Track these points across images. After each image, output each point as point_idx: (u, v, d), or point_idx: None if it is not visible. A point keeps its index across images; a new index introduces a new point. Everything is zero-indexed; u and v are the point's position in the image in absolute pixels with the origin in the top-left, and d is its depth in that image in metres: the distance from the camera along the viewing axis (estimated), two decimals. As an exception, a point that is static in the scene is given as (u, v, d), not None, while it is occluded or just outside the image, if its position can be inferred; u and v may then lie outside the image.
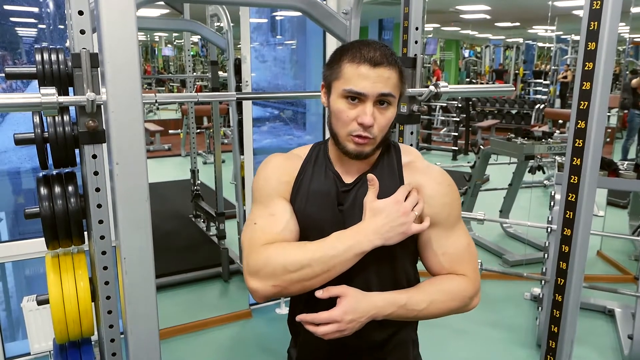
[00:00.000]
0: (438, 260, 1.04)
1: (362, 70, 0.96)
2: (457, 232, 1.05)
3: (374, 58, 0.96)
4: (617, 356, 2.68)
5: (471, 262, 1.06)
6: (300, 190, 1.06)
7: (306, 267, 0.93)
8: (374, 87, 0.95)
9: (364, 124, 0.96)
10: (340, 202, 1.04)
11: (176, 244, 4.04)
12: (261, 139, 3.91)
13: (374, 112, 0.97)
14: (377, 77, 0.95)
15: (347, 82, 0.97)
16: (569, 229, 1.36)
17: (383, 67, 0.96)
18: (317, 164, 1.09)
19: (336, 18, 1.92)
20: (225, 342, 2.83)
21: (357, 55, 0.97)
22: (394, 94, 0.98)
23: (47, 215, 1.33)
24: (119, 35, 0.90)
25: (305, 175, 1.07)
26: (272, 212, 1.03)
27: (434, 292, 1.01)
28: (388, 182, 1.02)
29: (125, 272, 0.91)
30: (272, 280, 0.95)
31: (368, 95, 0.95)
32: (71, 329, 1.41)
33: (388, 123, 1.00)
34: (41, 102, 1.02)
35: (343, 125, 0.99)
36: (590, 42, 1.24)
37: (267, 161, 1.12)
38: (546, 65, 11.25)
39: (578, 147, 1.30)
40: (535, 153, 3.98)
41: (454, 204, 1.04)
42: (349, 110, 0.97)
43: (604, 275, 3.68)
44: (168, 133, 8.31)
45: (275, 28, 4.01)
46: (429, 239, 1.03)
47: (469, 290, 1.03)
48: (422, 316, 1.01)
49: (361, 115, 0.96)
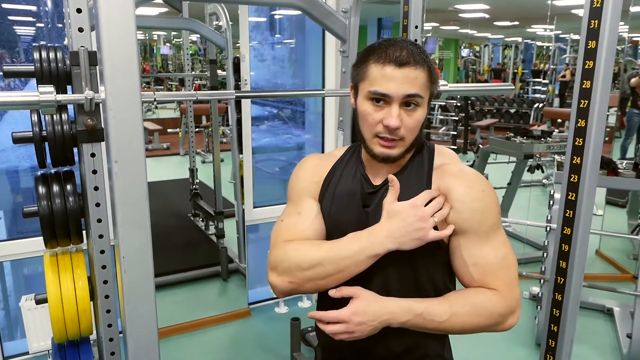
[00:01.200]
0: (468, 271, 0.97)
1: (387, 71, 0.92)
2: (492, 242, 0.96)
3: (400, 58, 0.92)
4: (615, 355, 2.69)
5: (506, 276, 0.97)
6: (328, 190, 1.06)
7: (318, 266, 0.95)
8: (399, 88, 0.92)
9: (390, 127, 0.93)
10: (366, 204, 1.01)
11: (175, 243, 4.03)
12: (260, 138, 3.89)
13: (401, 113, 0.93)
14: (403, 78, 0.92)
15: (372, 83, 0.94)
16: (569, 228, 1.36)
17: (409, 67, 0.92)
18: (348, 165, 1.07)
19: (335, 16, 1.91)
20: (224, 341, 2.82)
21: (382, 55, 0.93)
22: (421, 95, 0.94)
23: (45, 214, 1.32)
24: (117, 33, 0.90)
25: (334, 176, 1.07)
26: (299, 211, 1.06)
27: (457, 304, 0.94)
28: (415, 186, 0.98)
29: (125, 271, 0.91)
30: (287, 276, 0.97)
31: (393, 96, 0.92)
32: (70, 328, 1.40)
33: (417, 125, 0.95)
34: (39, 100, 1.01)
35: (369, 127, 0.96)
36: (591, 40, 1.24)
37: (303, 161, 1.13)
38: (545, 65, 11.25)
39: (578, 146, 1.30)
40: (534, 152, 3.99)
41: (487, 211, 0.96)
42: (374, 112, 0.95)
43: (603, 274, 3.68)
44: (167, 132, 8.30)
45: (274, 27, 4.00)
46: (457, 247, 0.97)
47: (498, 307, 0.95)
48: (443, 329, 0.94)
49: (387, 117, 0.93)
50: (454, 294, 0.98)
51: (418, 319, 0.92)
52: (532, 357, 2.63)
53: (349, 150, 1.11)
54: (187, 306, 3.15)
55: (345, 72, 1.99)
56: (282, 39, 3.88)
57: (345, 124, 2.04)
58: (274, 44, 3.84)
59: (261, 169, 3.46)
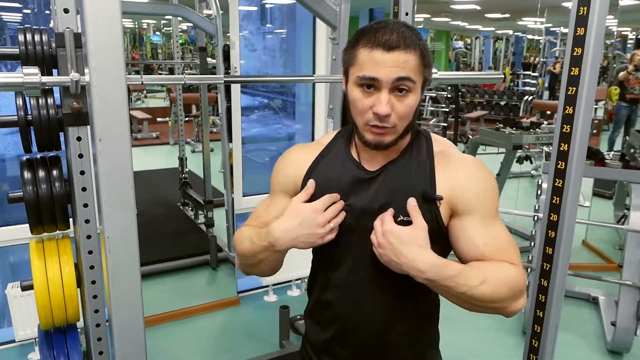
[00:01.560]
0: (480, 252, 0.94)
1: (376, 55, 0.88)
2: (497, 223, 0.97)
3: (389, 41, 0.88)
4: (600, 342, 2.73)
5: (517, 255, 0.96)
6: (312, 177, 1.02)
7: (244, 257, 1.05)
8: (388, 72, 0.88)
9: (379, 114, 0.89)
10: (360, 190, 0.99)
11: (164, 232, 4.02)
12: (250, 128, 3.88)
13: (391, 99, 0.89)
14: (392, 62, 0.88)
15: (361, 68, 0.90)
16: (555, 215, 1.37)
17: (399, 51, 0.88)
18: (336, 154, 1.04)
19: (326, 3, 1.90)
20: (213, 329, 2.83)
21: (371, 39, 0.89)
22: (413, 78, 0.89)
23: (31, 199, 1.31)
24: (102, 15, 0.88)
25: (317, 168, 1.03)
26: (268, 204, 1.10)
27: (488, 272, 0.91)
28: (415, 173, 0.97)
29: (109, 250, 0.90)
30: (238, 259, 1.09)
31: (382, 81, 0.88)
32: (56, 315, 1.40)
33: (409, 111, 0.92)
34: (23, 82, 0.99)
35: (359, 114, 0.93)
36: (579, 27, 1.24)
37: (286, 153, 1.11)
38: (535, 58, 11.30)
39: (565, 133, 1.31)
40: (523, 143, 4.02)
41: (491, 192, 0.97)
42: (364, 98, 0.91)
43: (589, 264, 3.73)
44: (156, 121, 8.23)
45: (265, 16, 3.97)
46: (463, 229, 0.95)
47: (521, 282, 0.93)
48: (468, 296, 0.89)
49: (376, 104, 0.90)
50: (482, 263, 0.94)
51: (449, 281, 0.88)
52: (518, 345, 2.67)
53: (337, 136, 1.08)
54: (177, 294, 3.15)
55: (335, 60, 1.99)
56: (272, 28, 3.85)
57: (335, 112, 2.04)
58: (265, 34, 3.81)
59: (251, 158, 3.45)
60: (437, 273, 0.88)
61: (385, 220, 0.92)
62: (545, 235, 1.42)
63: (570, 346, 2.69)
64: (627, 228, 2.71)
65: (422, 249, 0.89)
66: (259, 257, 1.01)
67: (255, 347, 2.60)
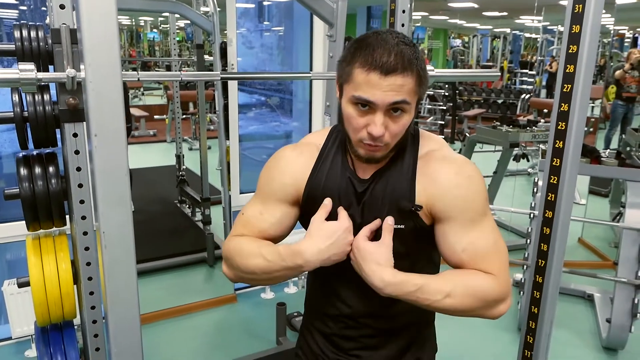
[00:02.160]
0: (459, 257, 0.95)
1: (372, 78, 0.86)
2: (480, 227, 0.95)
3: (387, 65, 0.86)
4: (595, 339, 2.75)
5: (498, 262, 0.95)
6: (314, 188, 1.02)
7: (252, 274, 1.00)
8: (384, 96, 0.87)
9: (373, 135, 0.89)
10: (355, 199, 1.00)
11: (161, 229, 4.02)
12: (248, 125, 3.88)
13: (386, 120, 0.89)
14: (389, 86, 0.86)
15: (357, 88, 0.89)
16: (550, 211, 1.38)
17: (396, 75, 0.86)
18: (333, 160, 1.03)
19: (323, 0, 1.90)
20: (210, 326, 2.83)
21: (368, 59, 0.87)
22: (408, 101, 0.89)
23: (27, 196, 1.31)
24: (98, 11, 0.88)
25: (319, 173, 1.02)
26: (262, 211, 1.05)
27: (454, 284, 0.92)
28: (403, 182, 0.97)
29: (105, 247, 0.90)
30: (234, 271, 1.03)
31: (378, 104, 0.88)
32: (53, 312, 1.40)
33: (402, 130, 0.92)
34: (19, 78, 0.99)
35: (353, 131, 0.93)
36: (575, 25, 1.25)
37: (277, 156, 1.07)
38: (532, 57, 11.32)
39: (561, 130, 1.31)
40: (520, 141, 4.03)
41: (472, 197, 0.95)
42: (358, 117, 0.91)
43: (585, 261, 3.75)
44: (153, 119, 8.21)
45: (262, 14, 3.97)
46: (444, 234, 0.96)
47: (495, 292, 0.93)
48: (434, 307, 0.92)
49: (371, 124, 0.89)
50: (451, 273, 0.95)
51: (410, 296, 0.90)
52: (514, 341, 2.68)
53: (330, 138, 1.06)
54: (174, 292, 3.15)
55: (332, 57, 1.99)
56: (270, 26, 3.85)
57: (332, 109, 2.04)
58: (262, 31, 3.81)
59: (248, 156, 3.45)
60: (395, 290, 0.90)
61: (359, 235, 0.95)
62: (541, 232, 1.43)
63: (566, 343, 2.70)
64: (622, 226, 2.72)
65: (380, 266, 0.92)
66: (275, 275, 0.98)
67: (252, 344, 2.61)
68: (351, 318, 1.06)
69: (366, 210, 0.99)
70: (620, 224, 2.81)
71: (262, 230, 1.04)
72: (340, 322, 1.08)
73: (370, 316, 1.05)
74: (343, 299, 1.06)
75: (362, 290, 0.97)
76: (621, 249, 2.68)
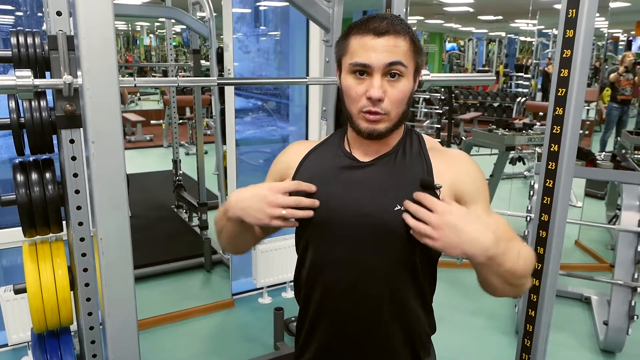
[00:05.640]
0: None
1: (367, 41, 0.90)
2: (491, 212, 0.98)
3: (379, 27, 0.90)
4: (592, 342, 2.75)
5: (518, 238, 0.96)
6: (301, 171, 1.04)
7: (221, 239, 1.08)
8: (379, 57, 0.89)
9: (372, 97, 0.90)
10: (350, 177, 0.99)
11: (158, 234, 4.01)
12: (244, 130, 3.88)
13: (384, 84, 0.91)
14: (383, 47, 0.90)
15: (353, 55, 0.92)
16: (546, 215, 1.39)
17: (388, 35, 0.90)
18: (329, 146, 1.06)
19: (319, 5, 1.91)
20: (208, 331, 2.82)
21: (362, 27, 0.92)
22: (404, 63, 0.91)
23: (23, 202, 1.31)
24: (95, 17, 0.88)
25: (309, 158, 1.05)
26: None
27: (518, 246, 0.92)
28: (410, 163, 0.98)
29: (102, 252, 0.90)
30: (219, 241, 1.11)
31: (374, 66, 0.90)
32: (49, 318, 1.39)
33: (402, 97, 0.93)
34: (16, 84, 1.00)
35: (353, 102, 0.94)
36: (569, 29, 1.26)
37: (282, 151, 1.13)
38: (528, 60, 11.37)
39: (556, 134, 1.32)
40: (516, 144, 4.04)
41: (485, 184, 1.00)
42: (357, 85, 0.92)
43: (582, 264, 3.76)
44: (150, 124, 8.21)
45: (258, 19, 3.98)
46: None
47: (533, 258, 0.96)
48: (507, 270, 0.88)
49: (369, 88, 0.90)
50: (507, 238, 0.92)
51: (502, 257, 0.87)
52: (511, 344, 2.68)
53: (333, 134, 1.11)
54: (171, 297, 3.14)
55: (328, 62, 1.99)
56: (266, 30, 3.86)
57: (328, 114, 2.04)
58: (258, 36, 3.82)
59: (245, 161, 3.44)
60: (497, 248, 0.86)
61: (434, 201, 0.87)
62: (537, 235, 1.44)
63: (563, 345, 2.71)
64: (618, 228, 2.73)
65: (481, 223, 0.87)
66: (219, 225, 1.05)
67: (250, 349, 2.60)
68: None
69: (364, 191, 0.96)
70: (616, 226, 2.82)
71: None
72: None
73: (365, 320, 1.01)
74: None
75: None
76: (617, 252, 2.68)
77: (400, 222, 0.91)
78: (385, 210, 0.93)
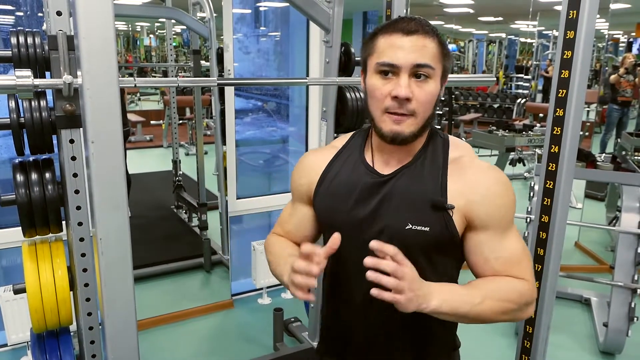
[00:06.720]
0: (491, 265, 0.93)
1: (395, 40, 0.88)
2: (511, 234, 0.94)
3: (408, 27, 0.88)
4: (592, 343, 2.75)
5: (528, 266, 0.95)
6: (323, 186, 1.00)
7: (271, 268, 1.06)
8: (407, 57, 0.86)
9: (399, 96, 0.86)
10: (367, 196, 0.95)
11: (158, 235, 4.00)
12: (244, 131, 3.88)
13: (411, 84, 0.87)
14: (411, 47, 0.86)
15: (380, 55, 0.89)
16: (546, 216, 1.38)
17: (417, 35, 0.87)
18: (349, 156, 1.01)
19: (319, 6, 1.91)
20: (207, 332, 2.82)
21: (390, 27, 0.90)
22: (432, 65, 0.88)
23: (23, 202, 1.30)
24: (95, 17, 0.88)
25: (332, 171, 1.01)
26: (290, 213, 1.11)
27: (489, 289, 0.90)
28: (427, 179, 0.93)
29: (102, 252, 0.90)
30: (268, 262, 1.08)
31: (401, 66, 0.86)
32: (49, 318, 1.39)
33: (430, 99, 0.89)
34: (16, 84, 0.99)
35: (377, 102, 0.90)
36: (569, 30, 1.26)
37: (299, 161, 1.08)
38: (528, 61, 11.38)
39: (556, 135, 1.32)
40: (516, 145, 4.04)
41: (509, 205, 0.94)
42: (382, 86, 0.88)
43: (581, 265, 3.76)
44: (150, 124, 8.21)
45: (259, 19, 3.98)
46: (479, 244, 0.93)
47: (527, 295, 0.92)
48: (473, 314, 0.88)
49: (396, 88, 0.87)
50: (482, 280, 0.93)
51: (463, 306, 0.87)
52: (511, 346, 2.68)
53: (351, 138, 1.05)
54: (171, 298, 3.14)
55: (328, 62, 1.99)
56: (266, 31, 3.86)
57: (328, 114, 2.05)
58: (259, 37, 3.82)
59: (245, 161, 3.44)
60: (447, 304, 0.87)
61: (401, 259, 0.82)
62: (537, 237, 1.43)
63: (563, 347, 2.70)
64: (618, 229, 2.73)
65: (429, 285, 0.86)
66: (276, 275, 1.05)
67: (249, 350, 2.60)
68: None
69: (384, 206, 0.94)
70: (616, 227, 2.82)
71: (287, 232, 1.10)
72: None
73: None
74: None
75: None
76: (617, 253, 2.68)
77: (413, 239, 0.92)
78: (400, 228, 0.92)
